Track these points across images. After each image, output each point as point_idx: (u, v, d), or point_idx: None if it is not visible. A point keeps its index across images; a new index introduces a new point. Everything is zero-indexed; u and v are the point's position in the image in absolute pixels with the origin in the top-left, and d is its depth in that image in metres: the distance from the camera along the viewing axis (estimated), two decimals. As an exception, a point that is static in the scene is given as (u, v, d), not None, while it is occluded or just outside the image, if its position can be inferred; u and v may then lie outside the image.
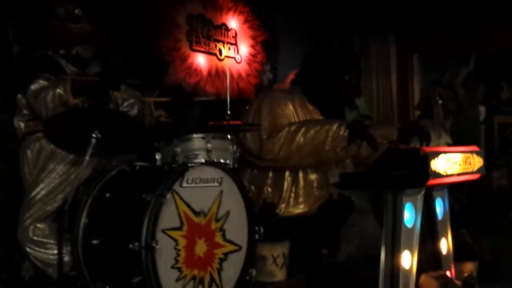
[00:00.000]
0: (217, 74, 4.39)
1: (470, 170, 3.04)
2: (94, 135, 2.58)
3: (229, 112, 2.71)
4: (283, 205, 3.18)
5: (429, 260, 3.14)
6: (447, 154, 2.79)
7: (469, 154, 3.06)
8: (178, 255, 2.44)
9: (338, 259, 3.44)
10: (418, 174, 2.62)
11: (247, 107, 3.31)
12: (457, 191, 6.83)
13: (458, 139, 7.31)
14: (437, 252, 3.12)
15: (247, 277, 2.51)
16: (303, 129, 3.03)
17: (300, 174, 3.19)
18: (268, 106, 3.18)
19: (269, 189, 3.23)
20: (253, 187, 3.26)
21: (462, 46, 6.01)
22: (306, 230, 3.00)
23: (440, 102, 4.75)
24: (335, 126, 3.00)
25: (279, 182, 3.20)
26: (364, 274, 2.89)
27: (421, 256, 3.00)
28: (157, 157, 2.73)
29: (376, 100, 6.23)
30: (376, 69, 6.29)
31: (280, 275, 2.54)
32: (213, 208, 2.59)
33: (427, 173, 2.60)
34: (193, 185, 2.56)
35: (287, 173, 3.21)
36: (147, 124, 3.07)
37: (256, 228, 2.63)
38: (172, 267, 2.43)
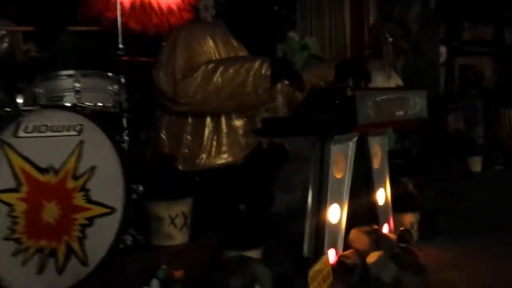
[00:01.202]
0: (142, 8, 3.91)
1: (410, 113, 2.74)
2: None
3: (121, 46, 2.30)
4: (204, 155, 2.82)
5: (365, 212, 2.87)
6: (381, 96, 2.47)
7: (409, 96, 2.75)
8: (15, 223, 1.94)
9: (276, 210, 3.16)
10: (345, 118, 2.29)
11: (163, 44, 2.92)
12: (413, 134, 6.63)
13: (416, 81, 7.05)
14: (373, 203, 2.85)
15: (121, 245, 2.16)
16: (221, 68, 2.65)
17: (223, 120, 2.82)
18: (184, 41, 2.78)
19: (189, 137, 2.87)
20: (164, 135, 2.90)
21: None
22: (223, 183, 2.67)
23: (391, 39, 4.41)
24: (256, 64, 2.63)
25: (199, 130, 2.83)
26: (293, 228, 2.60)
27: (355, 209, 2.74)
28: (19, 100, 2.33)
29: (328, 40, 5.81)
30: (329, 6, 5.86)
31: (179, 238, 2.20)
32: (69, 164, 2.07)
33: (354, 117, 2.28)
34: (36, 134, 2.00)
35: (208, 119, 2.83)
36: (19, 60, 2.62)
37: (134, 186, 2.27)
38: (7, 238, 1.93)
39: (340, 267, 2.41)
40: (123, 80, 2.58)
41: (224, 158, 2.83)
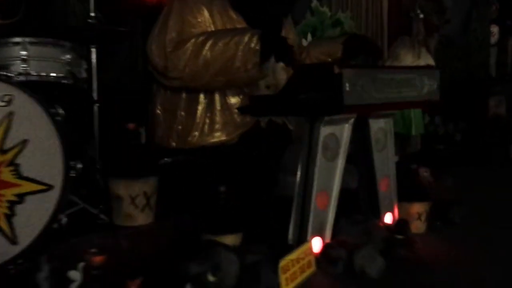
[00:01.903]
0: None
1: (415, 94, 2.52)
2: None
3: (93, 14, 2.17)
4: (196, 133, 2.70)
5: (366, 200, 2.69)
6: (379, 74, 2.27)
7: (415, 76, 2.52)
8: None
9: (283, 193, 3.02)
10: (331, 98, 2.11)
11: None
12: (455, 119, 6.29)
13: (463, 63, 6.68)
14: (374, 191, 2.66)
15: (56, 225, 2.04)
16: (210, 41, 2.50)
17: (217, 97, 2.69)
18: (177, 12, 2.64)
19: (182, 114, 2.75)
20: (159, 110, 2.79)
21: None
22: (213, 163, 2.54)
23: (421, 16, 4.12)
24: (246, 37, 2.46)
25: (192, 106, 2.71)
26: (281, 214, 2.45)
27: (351, 196, 2.56)
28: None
29: (365, 16, 5.54)
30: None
31: (141, 219, 2.09)
32: (-5, 137, 1.94)
33: (340, 97, 2.09)
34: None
35: (201, 96, 2.70)
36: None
37: (72, 163, 2.14)
38: None
39: (324, 257, 2.25)
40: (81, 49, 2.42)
41: (217, 137, 2.71)
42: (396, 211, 2.76)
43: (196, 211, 2.23)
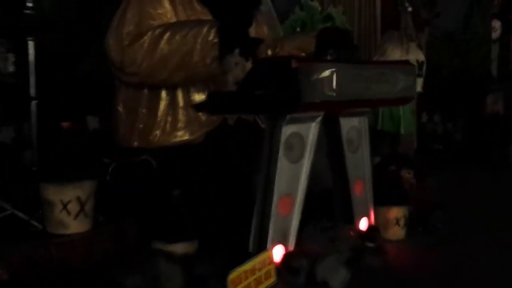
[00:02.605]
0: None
1: (388, 91, 2.33)
2: None
3: (30, 5, 2.01)
4: (158, 132, 2.53)
5: (339, 204, 2.52)
6: (342, 69, 2.08)
7: (387, 71, 2.34)
8: None
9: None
10: (287, 95, 1.93)
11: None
12: (455, 117, 6.09)
13: (462, 59, 6.46)
14: (346, 195, 2.48)
15: None
16: (167, 34, 2.33)
17: (179, 94, 2.51)
18: (136, 4, 2.46)
19: (144, 111, 2.58)
20: (120, 108, 2.63)
21: None
22: (162, 165, 2.37)
23: (410, 9, 3.93)
24: (204, 30, 2.29)
25: (154, 103, 2.54)
26: (240, 218, 2.28)
27: (320, 201, 2.39)
28: None
29: (358, 11, 5.35)
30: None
31: (75, 226, 1.91)
32: None
33: (297, 93, 1.91)
34: None
35: (163, 92, 2.53)
36: None
37: None
38: None
39: (284, 267, 2.08)
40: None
41: (179, 136, 2.54)
42: (372, 216, 2.58)
43: (144, 217, 2.06)
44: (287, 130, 2.13)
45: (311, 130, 2.24)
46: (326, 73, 1.99)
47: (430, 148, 6.03)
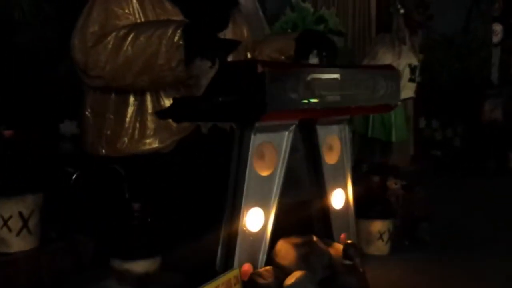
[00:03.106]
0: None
1: (367, 98, 2.18)
2: None
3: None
4: (126, 139, 2.38)
5: (317, 218, 2.36)
6: (314, 73, 1.94)
7: (367, 77, 2.18)
8: None
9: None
10: (253, 102, 1.79)
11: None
12: (454, 123, 5.92)
13: (461, 63, 6.29)
14: (325, 208, 2.33)
15: None
16: (132, 35, 2.19)
17: (148, 99, 2.37)
18: (101, 2, 2.30)
19: (111, 117, 2.44)
20: (88, 113, 2.49)
21: None
22: (124, 175, 2.22)
23: (402, 11, 3.77)
24: (170, 30, 2.13)
25: (122, 108, 2.39)
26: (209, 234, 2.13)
27: (294, 215, 2.24)
28: None
29: (352, 13, 5.20)
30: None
31: (18, 244, 1.77)
32: None
33: (264, 100, 1.76)
34: None
35: (131, 97, 2.39)
36: None
37: None
38: None
39: (251, 287, 1.92)
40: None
41: (148, 144, 2.39)
42: (352, 230, 2.42)
43: (101, 232, 1.92)
44: (257, 140, 1.98)
45: (284, 140, 2.08)
46: (295, 78, 1.84)
47: (429, 154, 5.87)
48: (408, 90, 4.07)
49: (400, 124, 4.05)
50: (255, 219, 2.02)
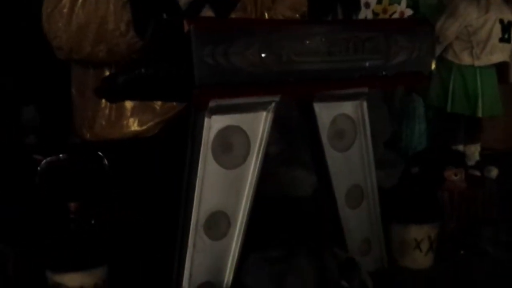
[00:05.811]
0: None
1: (368, 65, 1.61)
2: None
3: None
4: (103, 121, 2.02)
5: (324, 224, 1.87)
6: (280, 31, 1.42)
7: (377, 33, 1.61)
8: None
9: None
10: (178, 74, 1.32)
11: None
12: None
13: None
14: (334, 207, 1.81)
15: None
16: (83, -3, 1.80)
17: (121, 72, 2.00)
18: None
19: (90, 95, 2.09)
20: (74, 91, 2.18)
21: None
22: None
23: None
24: (118, -13, 1.72)
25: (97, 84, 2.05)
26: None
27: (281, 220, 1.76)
28: None
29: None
30: None
31: None
32: None
33: (191, 71, 1.29)
34: None
35: (106, 71, 2.01)
36: None
37: None
38: None
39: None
40: None
41: (126, 126, 2.03)
42: (377, 237, 1.88)
43: (34, 239, 1.59)
44: (216, 123, 1.51)
45: (261, 123, 1.60)
46: (246, 38, 1.34)
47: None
48: (499, 53, 3.29)
49: (489, 95, 3.29)
50: (216, 225, 1.57)
